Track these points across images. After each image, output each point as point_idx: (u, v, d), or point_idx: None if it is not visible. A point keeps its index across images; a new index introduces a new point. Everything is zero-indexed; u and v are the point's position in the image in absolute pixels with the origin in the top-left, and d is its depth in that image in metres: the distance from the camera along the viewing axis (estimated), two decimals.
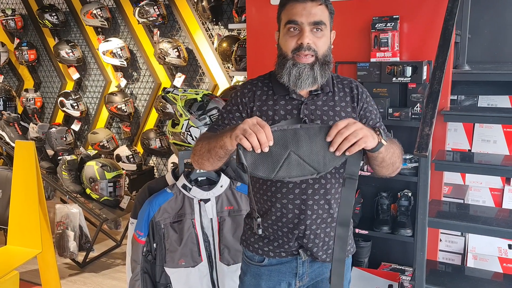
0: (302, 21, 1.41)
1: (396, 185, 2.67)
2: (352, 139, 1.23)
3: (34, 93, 5.65)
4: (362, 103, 1.55)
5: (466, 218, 2.10)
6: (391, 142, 1.46)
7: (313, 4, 1.42)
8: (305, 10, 1.41)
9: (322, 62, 1.46)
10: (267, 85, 1.55)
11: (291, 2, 1.44)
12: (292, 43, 1.44)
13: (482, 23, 2.88)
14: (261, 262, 1.61)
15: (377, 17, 2.52)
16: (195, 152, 1.50)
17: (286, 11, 1.46)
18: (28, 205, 2.67)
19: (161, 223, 2.13)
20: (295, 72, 1.44)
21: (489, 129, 2.78)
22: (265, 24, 2.89)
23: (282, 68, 1.46)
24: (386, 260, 2.79)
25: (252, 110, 1.52)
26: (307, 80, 1.45)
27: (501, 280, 2.21)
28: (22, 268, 3.36)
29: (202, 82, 4.74)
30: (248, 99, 1.54)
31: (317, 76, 1.45)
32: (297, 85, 1.46)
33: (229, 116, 1.55)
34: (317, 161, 1.27)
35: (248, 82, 1.59)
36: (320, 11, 1.42)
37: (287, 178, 1.29)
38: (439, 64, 2.04)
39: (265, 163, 1.27)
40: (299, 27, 1.43)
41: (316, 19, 1.41)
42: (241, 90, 1.57)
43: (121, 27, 5.07)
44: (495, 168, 2.14)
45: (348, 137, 1.24)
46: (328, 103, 1.52)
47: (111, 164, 3.75)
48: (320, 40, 1.44)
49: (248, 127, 1.24)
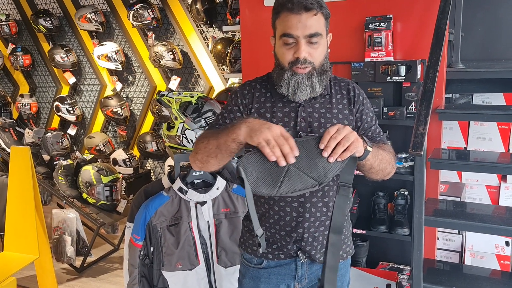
0: (298, 34, 1.39)
1: (392, 184, 2.67)
2: (345, 143, 1.24)
3: (30, 98, 5.65)
4: (359, 105, 1.55)
5: (463, 216, 2.11)
6: (381, 148, 1.46)
7: (308, 15, 1.38)
8: (301, 23, 1.38)
9: (319, 71, 1.45)
10: (265, 87, 1.54)
11: (285, 12, 1.40)
12: (289, 56, 1.43)
13: (475, 21, 2.89)
14: (259, 265, 1.60)
15: (371, 17, 2.53)
16: (199, 149, 1.44)
17: (280, 21, 1.43)
18: (24, 210, 2.67)
19: (158, 226, 2.13)
20: (293, 82, 1.43)
21: (484, 126, 2.78)
22: (259, 26, 2.89)
23: (281, 79, 1.46)
24: (384, 259, 2.79)
25: (250, 112, 1.52)
26: (306, 89, 1.44)
27: (499, 278, 2.21)
28: (19, 274, 3.34)
29: (197, 85, 4.73)
30: (247, 100, 1.53)
31: (315, 86, 1.45)
32: (295, 95, 1.45)
33: (230, 116, 1.54)
34: (317, 172, 1.25)
35: (247, 84, 1.58)
36: (315, 21, 1.40)
37: (290, 193, 1.27)
38: (432, 63, 2.04)
39: (266, 179, 1.25)
40: (294, 40, 1.41)
41: (312, 32, 1.39)
42: (241, 91, 1.56)
43: (116, 31, 5.07)
44: (491, 166, 2.15)
45: (341, 141, 1.24)
46: (326, 105, 1.51)
47: (107, 168, 3.74)
48: (316, 51, 1.43)
49: (272, 137, 1.23)
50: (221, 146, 1.36)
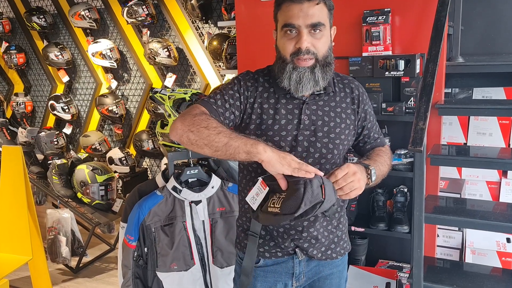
0: (299, 23, 1.35)
1: (391, 181, 2.63)
2: (347, 190, 1.30)
3: (24, 97, 5.59)
4: (363, 105, 1.54)
5: (463, 213, 2.07)
6: (380, 163, 1.49)
7: (310, 4, 1.35)
8: (302, 12, 1.34)
9: (323, 63, 1.41)
10: (267, 81, 1.50)
11: (286, 2, 1.37)
12: (290, 47, 1.39)
13: (474, 15, 2.85)
14: (256, 264, 1.57)
15: (368, 11, 2.48)
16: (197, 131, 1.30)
17: (282, 11, 1.39)
18: (16, 211, 2.63)
19: (152, 226, 2.08)
20: (295, 76, 1.39)
21: (485, 121, 2.74)
22: (254, 21, 2.85)
23: (282, 72, 1.42)
24: (383, 257, 2.76)
25: (253, 106, 1.46)
26: (308, 84, 1.40)
27: (500, 275, 2.18)
28: (14, 275, 3.31)
29: (193, 82, 4.68)
30: (250, 93, 1.47)
31: (318, 79, 1.41)
32: (298, 90, 1.41)
33: (229, 101, 1.45)
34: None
35: (250, 76, 1.51)
36: (318, 11, 1.36)
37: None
38: (432, 57, 2.01)
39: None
40: (296, 30, 1.37)
41: (314, 21, 1.35)
42: (244, 82, 1.48)
43: (110, 28, 5.01)
44: (492, 161, 2.11)
45: (343, 188, 1.30)
46: (330, 103, 1.49)
47: (102, 167, 3.70)
48: (319, 42, 1.38)
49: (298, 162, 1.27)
50: (229, 148, 1.28)
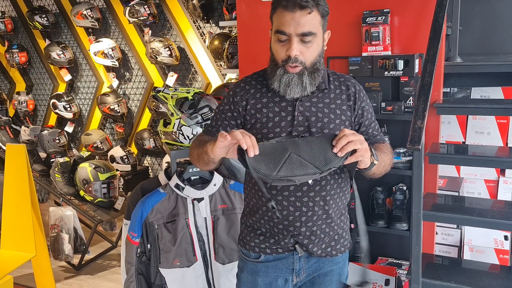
0: (290, 32, 1.39)
1: (390, 179, 2.66)
2: (358, 145, 1.29)
3: (26, 95, 5.62)
4: (360, 101, 1.55)
5: (461, 211, 2.09)
6: (383, 152, 1.49)
7: (302, 14, 1.38)
8: (294, 21, 1.38)
9: (311, 70, 1.45)
10: (261, 82, 1.55)
11: (280, 8, 1.41)
12: (282, 53, 1.43)
13: (472, 15, 2.87)
14: (257, 259, 1.61)
15: (368, 11, 2.51)
16: (190, 153, 1.59)
17: (276, 16, 1.43)
18: (20, 209, 2.65)
19: (155, 223, 2.11)
20: (285, 80, 1.45)
21: (483, 120, 2.77)
22: (256, 21, 2.87)
23: (274, 74, 1.47)
24: (382, 254, 2.78)
25: (246, 109, 1.52)
26: (296, 88, 1.45)
27: (498, 272, 2.20)
28: (17, 272, 3.33)
29: (194, 81, 4.71)
30: (240, 97, 1.54)
31: (306, 85, 1.46)
32: (286, 92, 1.47)
33: (221, 117, 1.57)
34: (319, 160, 1.30)
35: (242, 81, 1.59)
36: (310, 19, 1.39)
37: (290, 176, 1.30)
38: (430, 57, 2.03)
39: (267, 161, 1.30)
40: (287, 37, 1.41)
41: (304, 30, 1.39)
42: (234, 89, 1.58)
43: (112, 27, 5.04)
44: (490, 160, 2.14)
45: (355, 140, 1.29)
46: (324, 100, 1.51)
47: (104, 165, 3.73)
48: (308, 50, 1.43)
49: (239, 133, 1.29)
50: (200, 156, 1.47)
